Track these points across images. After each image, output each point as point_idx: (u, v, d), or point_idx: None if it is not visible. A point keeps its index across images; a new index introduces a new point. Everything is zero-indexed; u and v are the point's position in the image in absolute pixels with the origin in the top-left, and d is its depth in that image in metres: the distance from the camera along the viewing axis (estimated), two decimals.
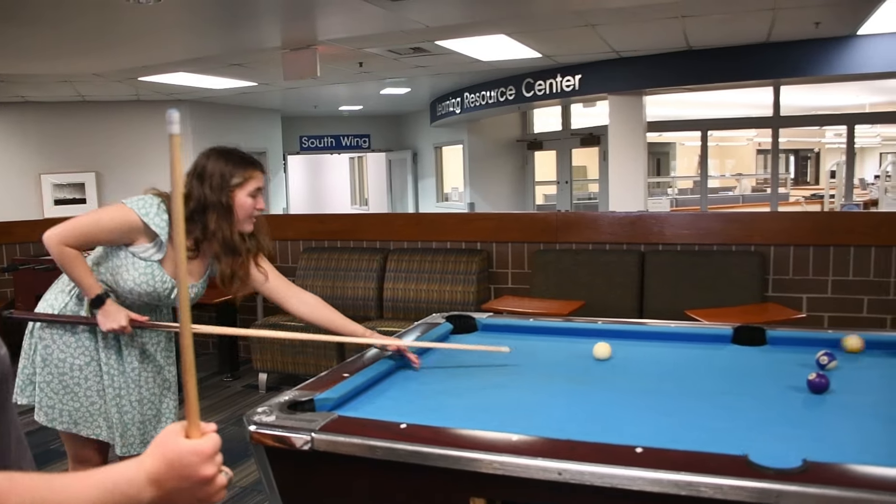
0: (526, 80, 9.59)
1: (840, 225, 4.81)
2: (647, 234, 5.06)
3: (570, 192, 11.95)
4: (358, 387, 2.28)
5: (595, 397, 2.19)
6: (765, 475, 1.52)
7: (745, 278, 4.73)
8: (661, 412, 2.03)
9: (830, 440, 1.81)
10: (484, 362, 2.64)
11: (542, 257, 5.23)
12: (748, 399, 2.13)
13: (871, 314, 4.75)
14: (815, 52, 7.61)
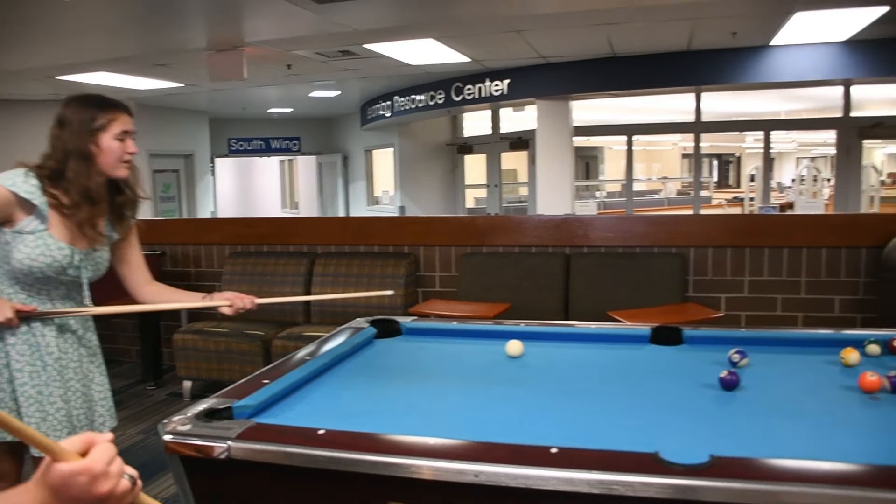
0: (455, 84, 9.66)
1: (755, 227, 4.98)
2: (572, 236, 5.14)
3: (500, 195, 12.06)
4: (278, 393, 2.25)
5: (514, 399, 2.21)
6: (674, 471, 1.55)
7: (666, 279, 4.85)
8: (578, 413, 2.06)
9: (738, 435, 1.87)
10: (407, 366, 2.64)
11: (470, 260, 5.26)
12: (662, 398, 2.18)
13: (784, 312, 4.92)
14: (732, 61, 7.86)
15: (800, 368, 2.48)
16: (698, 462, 1.57)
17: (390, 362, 2.69)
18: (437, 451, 1.72)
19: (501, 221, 5.50)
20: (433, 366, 2.64)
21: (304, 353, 2.63)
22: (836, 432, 1.90)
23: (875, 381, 2.19)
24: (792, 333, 2.82)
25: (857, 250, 4.82)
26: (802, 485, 1.50)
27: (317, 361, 2.55)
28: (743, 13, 6.29)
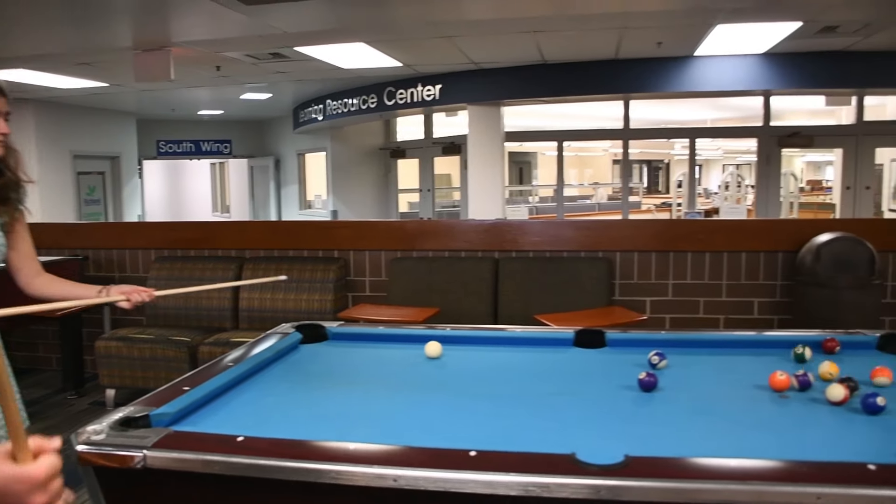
0: (388, 88, 9.65)
1: (679, 232, 5.11)
2: (501, 241, 5.19)
3: (433, 199, 12.09)
4: (198, 400, 2.21)
5: (436, 403, 2.22)
6: (589, 472, 1.58)
7: (593, 283, 4.93)
8: (499, 415, 2.08)
9: (653, 435, 1.92)
10: (331, 371, 2.62)
11: (400, 265, 5.26)
12: (582, 399, 2.21)
13: (707, 315, 5.06)
14: (658, 70, 8.06)
15: (716, 369, 2.55)
16: (613, 462, 1.60)
17: (315, 368, 2.67)
18: (357, 456, 1.71)
19: (431, 226, 5.52)
20: (357, 371, 2.63)
21: (227, 359, 2.59)
22: (746, 430, 1.97)
23: (784, 380, 2.27)
24: (709, 335, 2.90)
25: (775, 254, 5.00)
26: (712, 482, 1.55)
27: (240, 367, 2.51)
28: (667, 24, 6.46)
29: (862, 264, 4.51)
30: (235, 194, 17.96)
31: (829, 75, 8.08)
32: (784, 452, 1.72)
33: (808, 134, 9.77)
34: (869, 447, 1.85)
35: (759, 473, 1.57)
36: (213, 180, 19.82)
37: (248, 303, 5.45)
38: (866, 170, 9.82)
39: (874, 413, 2.06)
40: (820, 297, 4.54)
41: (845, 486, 1.51)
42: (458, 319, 4.67)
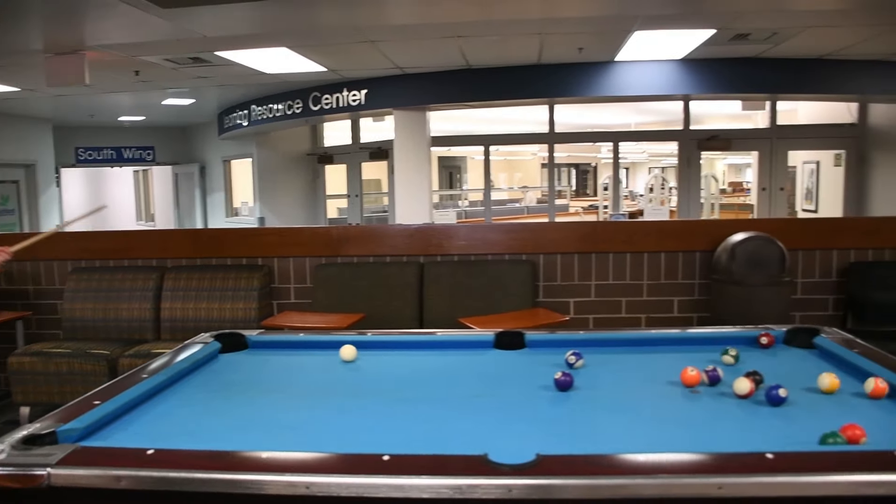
0: (313, 93, 9.58)
1: (600, 234, 5.20)
2: (426, 245, 5.20)
3: (361, 205, 12.05)
4: (109, 414, 2.15)
5: (354, 409, 2.21)
6: (500, 472, 1.60)
7: (517, 285, 4.99)
8: (415, 419, 2.09)
9: (567, 433, 1.95)
10: (249, 380, 2.59)
11: (324, 271, 5.22)
12: (498, 401, 2.24)
13: (629, 314, 5.17)
14: (580, 75, 8.21)
15: (631, 367, 2.61)
16: (524, 461, 1.63)
17: (233, 377, 2.63)
18: (270, 465, 1.69)
19: (356, 231, 5.49)
20: (275, 378, 2.60)
21: (141, 371, 2.52)
22: (657, 425, 2.02)
23: (695, 375, 2.34)
24: (625, 334, 2.97)
25: (693, 254, 5.14)
26: (619, 477, 1.59)
27: (155, 379, 2.46)
28: (586, 30, 6.58)
29: (773, 262, 4.67)
30: (160, 202, 17.54)
31: (743, 81, 8.36)
32: (692, 445, 1.78)
33: (726, 137, 10.10)
34: (771, 437, 1.93)
35: (664, 467, 1.61)
36: (136, 188, 19.33)
37: (171, 312, 5.33)
38: (780, 172, 10.19)
39: (777, 404, 2.14)
40: (735, 295, 4.69)
41: (744, 475, 1.57)
42: (384, 325, 4.65)
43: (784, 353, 2.78)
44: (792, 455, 1.65)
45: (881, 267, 5.13)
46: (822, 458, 1.65)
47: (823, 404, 2.15)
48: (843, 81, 8.34)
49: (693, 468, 1.60)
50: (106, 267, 5.62)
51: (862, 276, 5.08)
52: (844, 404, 2.15)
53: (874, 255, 5.15)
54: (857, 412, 2.07)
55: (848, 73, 8.25)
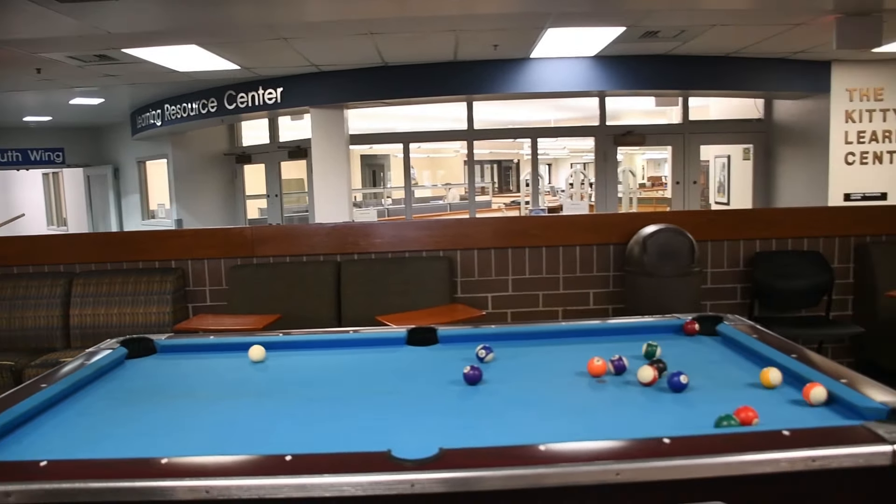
0: (228, 92, 9.40)
1: (516, 229, 5.26)
2: (343, 244, 5.17)
3: (281, 205, 11.88)
4: (1, 427, 2.06)
5: (260, 410, 2.18)
6: (403, 467, 1.60)
7: (435, 282, 5.00)
8: (321, 418, 2.07)
9: (473, 427, 1.97)
10: (155, 386, 2.52)
11: (239, 272, 5.13)
12: (406, 397, 2.24)
13: (546, 307, 5.25)
14: (497, 72, 8.28)
15: (540, 359, 2.65)
16: (427, 456, 1.63)
17: (138, 383, 2.55)
18: (168, 470, 1.65)
19: (271, 231, 5.41)
20: (182, 383, 2.54)
21: (40, 381, 2.42)
22: (561, 416, 2.06)
23: (601, 366, 2.39)
24: (536, 327, 3.01)
25: (607, 247, 5.25)
26: (520, 468, 1.60)
27: (53, 389, 2.37)
28: (500, 27, 6.64)
29: (683, 254, 4.81)
30: (72, 206, 16.90)
31: (655, 77, 8.59)
32: (595, 434, 1.81)
33: (641, 133, 10.34)
34: (671, 422, 1.98)
35: (564, 456, 1.64)
36: (46, 192, 18.58)
37: (80, 319, 5.15)
38: (693, 166, 10.50)
39: (679, 391, 2.20)
40: (647, 286, 4.81)
41: (641, 460, 1.61)
42: (301, 325, 4.59)
43: (688, 341, 2.86)
44: (687, 439, 1.70)
45: (784, 256, 5.35)
46: (715, 441, 1.71)
47: (723, 390, 2.22)
48: (750, 78, 8.66)
49: (592, 456, 1.63)
50: (9, 274, 5.39)
51: (766, 265, 5.29)
52: (743, 389, 2.23)
53: (777, 244, 5.36)
54: (753, 396, 2.14)
55: (754, 70, 8.57)
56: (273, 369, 2.66)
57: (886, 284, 5.10)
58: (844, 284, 5.43)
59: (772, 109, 10.25)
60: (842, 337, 5.36)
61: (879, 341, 5.21)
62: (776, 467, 1.65)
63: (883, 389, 2.06)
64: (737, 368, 2.47)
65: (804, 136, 9.36)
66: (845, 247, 5.43)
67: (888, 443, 1.67)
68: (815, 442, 1.68)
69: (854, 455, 1.66)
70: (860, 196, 8.85)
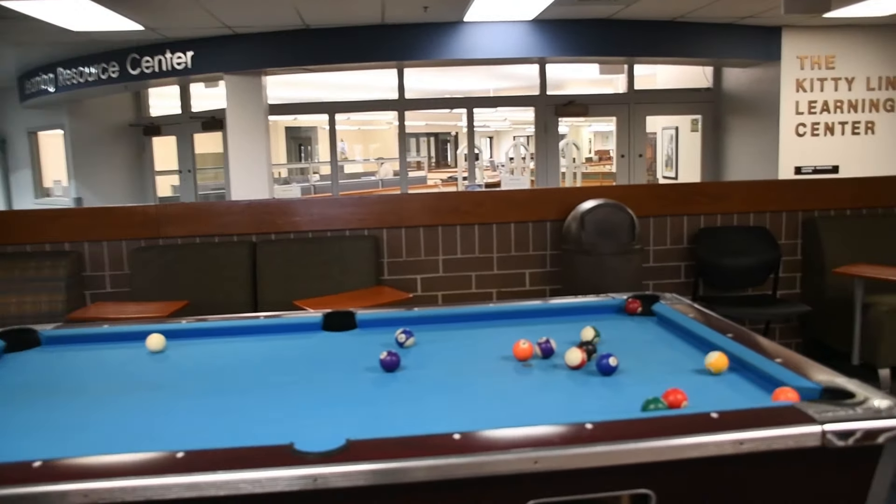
0: (131, 55, 9.14)
1: (447, 206, 5.26)
2: (258, 223, 5.09)
3: (195, 181, 11.66)
4: None
5: (153, 405, 2.14)
6: (306, 461, 1.59)
7: (359, 263, 4.98)
8: (222, 411, 2.04)
9: (387, 416, 1.97)
10: (37, 381, 2.45)
11: (143, 255, 5.01)
12: (316, 386, 2.23)
13: (479, 289, 5.28)
14: (428, 36, 8.24)
15: (464, 343, 2.67)
16: (332, 448, 1.62)
17: (16, 379, 2.47)
18: (40, 474, 1.60)
19: (178, 210, 5.29)
20: (68, 377, 2.47)
21: None
22: (483, 402, 2.07)
23: (527, 349, 2.41)
24: (462, 310, 3.03)
25: (543, 224, 5.30)
26: (431, 458, 1.60)
27: None
28: None
29: (623, 230, 4.88)
30: None
31: (598, 43, 8.67)
32: (516, 420, 1.81)
33: (583, 103, 10.44)
34: (599, 407, 2.02)
35: (479, 445, 1.64)
36: None
37: None
38: (639, 138, 10.66)
39: (608, 374, 2.24)
40: (585, 265, 4.87)
41: (561, 447, 1.63)
42: (213, 311, 4.51)
43: (621, 322, 2.91)
44: (610, 424, 1.73)
45: (729, 232, 5.47)
46: (639, 425, 1.74)
47: (654, 372, 2.27)
48: (697, 45, 8.81)
49: (509, 444, 1.64)
50: None
51: (711, 241, 5.40)
52: (675, 371, 2.27)
53: (723, 220, 5.49)
54: (685, 379, 2.19)
55: (701, 36, 8.72)
56: (172, 360, 2.61)
57: (834, 261, 5.27)
58: (792, 261, 5.59)
59: (721, 78, 10.46)
60: (789, 316, 5.53)
61: (827, 320, 5.39)
62: (703, 451, 1.68)
63: (819, 369, 2.12)
64: (670, 350, 2.52)
65: (754, 106, 9.58)
66: (793, 222, 5.59)
67: (818, 423, 1.72)
68: (744, 424, 1.72)
69: (783, 437, 1.70)
70: (811, 169, 9.10)
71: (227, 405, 2.09)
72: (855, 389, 1.93)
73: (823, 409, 1.80)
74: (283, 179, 17.90)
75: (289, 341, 2.77)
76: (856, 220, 5.60)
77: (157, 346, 2.69)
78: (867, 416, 1.76)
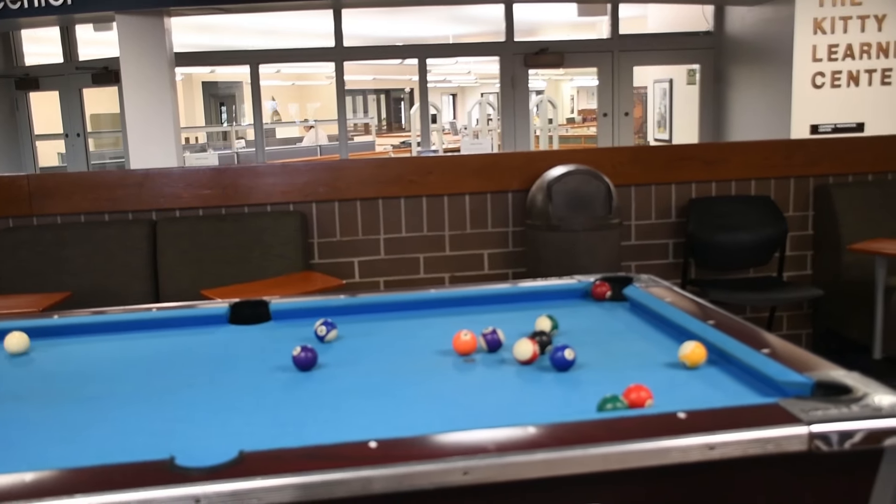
0: None
1: (388, 175, 5.26)
2: (157, 197, 5.05)
3: (86, 147, 11.50)
4: None
5: (12, 417, 2.11)
6: (188, 478, 1.58)
7: (283, 244, 4.97)
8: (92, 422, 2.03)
9: (293, 423, 1.96)
10: None
11: (14, 237, 4.96)
12: (211, 390, 2.23)
13: (429, 274, 5.31)
14: None
15: (396, 336, 2.68)
16: (220, 462, 1.62)
17: None
18: None
19: (57, 181, 5.20)
20: None
21: None
22: (411, 405, 2.07)
23: (469, 341, 2.42)
24: (394, 297, 3.04)
25: (504, 195, 5.32)
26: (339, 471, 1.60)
27: None
28: None
29: (598, 202, 4.92)
30: None
31: None
32: (452, 425, 1.82)
33: (558, 51, 10.45)
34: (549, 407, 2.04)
35: (400, 454, 1.65)
36: None
37: None
38: (625, 93, 10.71)
39: (564, 369, 2.26)
40: (553, 243, 4.90)
41: (495, 455, 1.64)
42: (103, 303, 4.48)
43: (588, 309, 2.93)
44: (557, 427, 1.74)
45: (726, 203, 5.53)
46: (591, 428, 1.75)
47: (619, 366, 2.29)
48: None
49: (434, 453, 1.65)
50: None
51: (704, 214, 5.46)
52: (642, 365, 2.29)
53: (718, 189, 5.55)
54: (653, 374, 2.21)
55: None
56: (36, 362, 2.58)
57: (851, 236, 5.32)
58: (802, 237, 5.67)
59: (723, 20, 10.52)
60: (798, 302, 5.61)
61: (843, 306, 5.48)
62: (665, 458, 1.70)
63: (813, 361, 2.13)
64: (641, 340, 2.55)
65: (763, 53, 9.62)
66: (802, 190, 5.66)
67: (804, 423, 1.74)
68: (716, 425, 1.74)
69: (762, 440, 1.72)
70: (831, 128, 9.10)
71: (100, 415, 2.08)
72: (853, 384, 1.96)
73: (813, 406, 1.82)
74: (199, 146, 17.72)
75: (185, 338, 2.76)
76: (879, 188, 5.67)
77: (19, 348, 2.63)
78: (864, 416, 1.78)
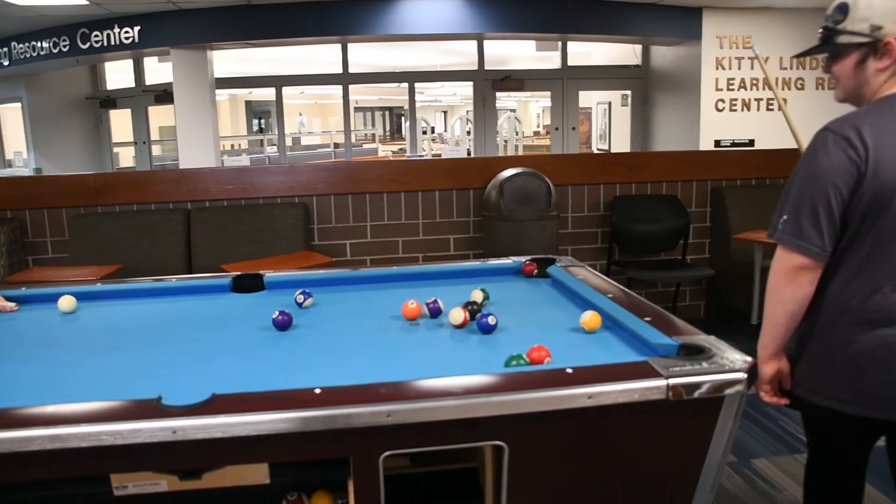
0: (81, 29, 8.84)
1: (373, 175, 5.21)
2: (192, 191, 5.00)
3: (149, 152, 11.42)
4: None
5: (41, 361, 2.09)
6: (169, 414, 1.57)
7: (289, 229, 4.93)
8: (106, 368, 2.01)
9: (264, 372, 1.95)
10: None
11: (82, 222, 4.90)
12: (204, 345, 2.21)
13: (406, 254, 5.26)
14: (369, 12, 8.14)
15: (361, 304, 2.64)
16: (195, 402, 1.60)
17: None
18: None
19: (116, 178, 5.17)
20: None
21: None
22: (363, 359, 2.05)
23: (414, 309, 2.40)
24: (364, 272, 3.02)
25: (466, 192, 5.28)
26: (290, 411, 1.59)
27: None
28: None
29: (540, 197, 4.89)
30: None
31: (535, 20, 8.59)
32: (392, 376, 1.78)
33: (520, 78, 10.38)
34: (471, 362, 2.02)
35: (337, 399, 1.63)
36: None
37: None
38: (572, 111, 10.65)
39: (487, 332, 2.23)
40: (504, 230, 4.87)
41: (413, 401, 1.63)
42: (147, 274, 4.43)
43: (515, 283, 2.91)
44: (466, 379, 1.73)
45: (643, 200, 5.51)
46: (495, 380, 1.73)
47: (532, 330, 2.26)
48: (626, 23, 8.78)
49: (365, 398, 1.63)
50: None
51: (625, 209, 5.43)
52: (553, 329, 2.27)
53: (637, 188, 5.52)
54: (559, 336, 2.19)
55: (630, 15, 8.69)
56: (81, 320, 2.56)
57: (738, 228, 5.34)
58: (701, 228, 5.66)
59: (649, 56, 10.47)
60: (697, 279, 5.59)
61: (730, 283, 5.47)
62: (554, 405, 1.69)
63: (683, 327, 2.12)
64: (554, 309, 2.52)
65: (678, 83, 9.61)
66: (702, 191, 5.65)
67: (664, 377, 1.73)
68: (596, 379, 1.73)
69: (630, 390, 1.71)
70: (730, 143, 9.17)
71: (112, 363, 2.06)
72: (708, 345, 1.94)
73: (673, 363, 1.81)
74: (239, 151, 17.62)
75: (195, 303, 2.73)
76: (761, 190, 5.67)
77: (69, 308, 2.62)
78: (711, 371, 1.78)
